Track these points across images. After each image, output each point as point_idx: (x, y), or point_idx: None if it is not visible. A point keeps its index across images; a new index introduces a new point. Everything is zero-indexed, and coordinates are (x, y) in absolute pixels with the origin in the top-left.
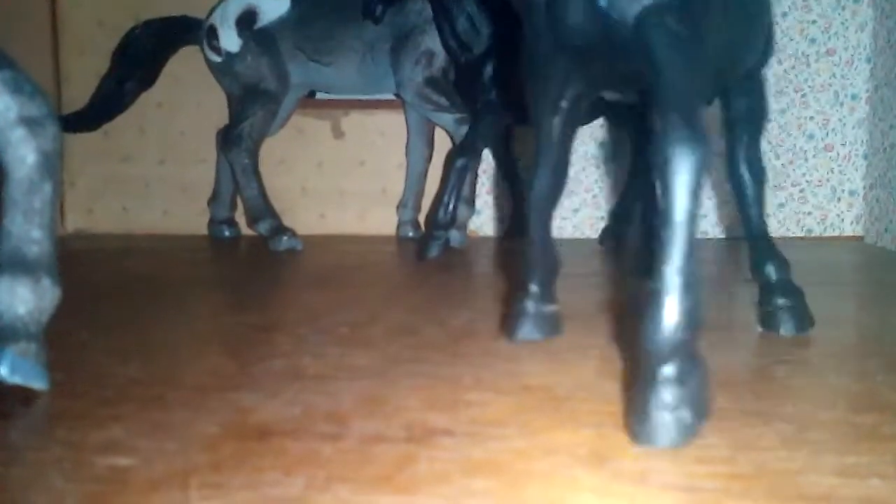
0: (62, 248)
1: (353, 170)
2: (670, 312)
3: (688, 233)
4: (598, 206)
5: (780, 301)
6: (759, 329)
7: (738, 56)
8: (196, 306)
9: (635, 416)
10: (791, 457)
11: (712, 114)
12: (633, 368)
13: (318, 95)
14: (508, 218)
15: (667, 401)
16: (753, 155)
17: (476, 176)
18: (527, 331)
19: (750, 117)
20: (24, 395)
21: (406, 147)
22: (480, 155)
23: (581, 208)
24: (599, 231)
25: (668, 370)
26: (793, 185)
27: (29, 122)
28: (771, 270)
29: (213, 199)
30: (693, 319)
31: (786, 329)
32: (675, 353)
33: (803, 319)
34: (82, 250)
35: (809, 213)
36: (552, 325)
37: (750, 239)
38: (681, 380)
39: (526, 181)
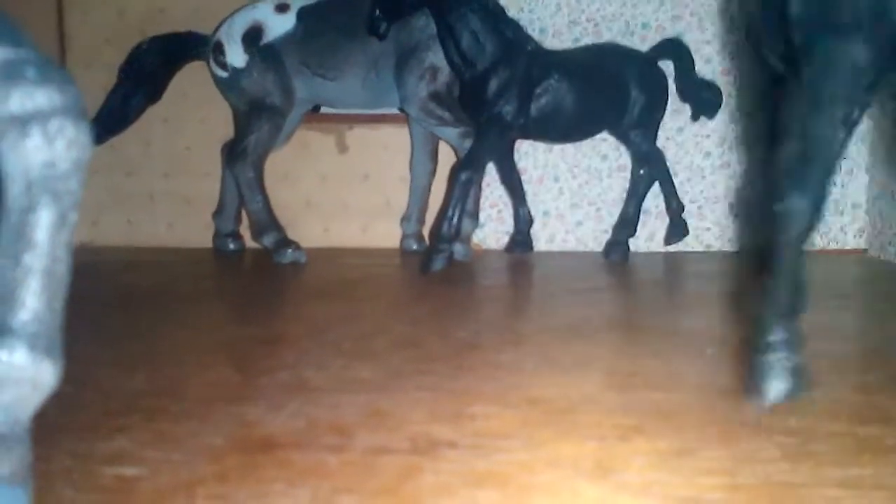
0: None
1: (357, 183)
2: None
3: None
4: (601, 219)
5: None
6: None
7: None
8: (201, 319)
9: None
10: (793, 469)
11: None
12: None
13: (323, 110)
14: (512, 231)
15: None
16: None
17: (480, 189)
18: (781, 388)
19: None
20: None
21: (410, 161)
22: (484, 169)
23: (584, 221)
24: (603, 244)
25: None
26: None
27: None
28: None
29: (218, 213)
30: None
31: None
32: None
33: None
34: (87, 263)
35: None
36: (804, 379)
37: None
38: None
39: (780, 209)
